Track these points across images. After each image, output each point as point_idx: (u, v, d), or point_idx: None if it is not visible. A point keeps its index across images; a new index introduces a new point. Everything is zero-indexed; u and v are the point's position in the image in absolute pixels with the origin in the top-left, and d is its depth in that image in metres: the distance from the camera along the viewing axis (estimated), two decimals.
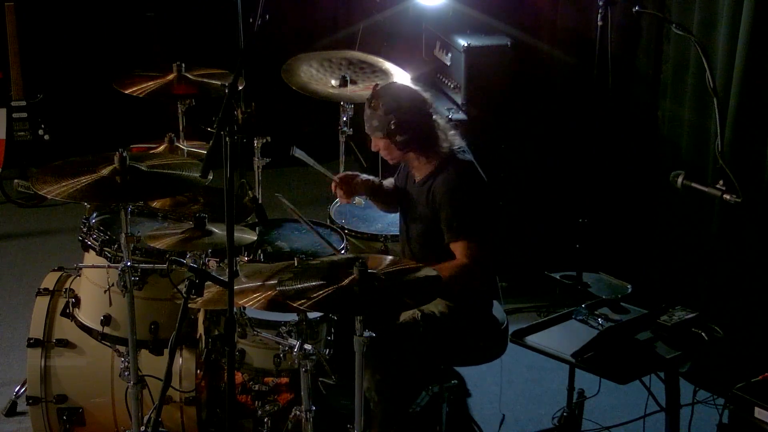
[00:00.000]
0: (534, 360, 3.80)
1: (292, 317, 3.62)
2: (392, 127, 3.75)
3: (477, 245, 3.72)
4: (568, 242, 4.37)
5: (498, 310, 4.04)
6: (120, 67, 5.04)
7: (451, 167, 3.80)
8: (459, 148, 3.85)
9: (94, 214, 4.05)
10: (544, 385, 4.70)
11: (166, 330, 3.85)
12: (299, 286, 3.17)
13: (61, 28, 6.85)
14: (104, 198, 3.63)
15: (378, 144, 3.87)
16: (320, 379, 3.86)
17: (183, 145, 4.50)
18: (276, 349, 3.67)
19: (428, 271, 3.31)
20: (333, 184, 4.05)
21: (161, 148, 4.49)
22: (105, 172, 3.47)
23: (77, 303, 3.97)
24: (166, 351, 3.58)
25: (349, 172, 4.08)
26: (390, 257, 3.46)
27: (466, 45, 5.01)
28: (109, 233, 3.89)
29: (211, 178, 3.28)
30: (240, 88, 3.91)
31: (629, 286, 4.00)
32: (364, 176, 4.09)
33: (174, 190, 3.86)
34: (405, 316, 3.88)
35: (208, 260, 3.77)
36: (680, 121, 4.83)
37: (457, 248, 3.73)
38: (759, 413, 3.28)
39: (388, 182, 4.17)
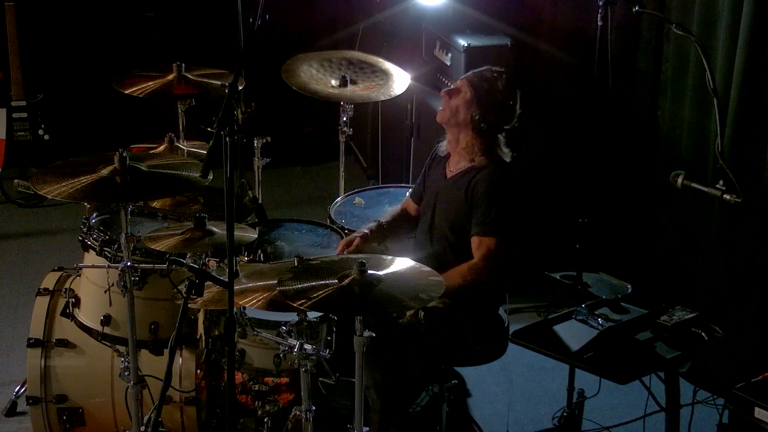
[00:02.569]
0: (534, 360, 3.80)
1: (292, 317, 3.62)
2: (488, 101, 3.80)
3: (502, 246, 3.74)
4: (568, 242, 4.37)
5: (499, 310, 4.04)
6: (120, 67, 5.04)
7: (495, 166, 3.84)
8: (505, 152, 3.91)
9: (94, 214, 4.05)
10: (544, 385, 4.70)
11: (166, 330, 3.85)
12: (299, 286, 3.17)
13: (61, 28, 6.84)
14: (104, 198, 3.64)
15: (458, 99, 3.87)
16: (320, 379, 3.86)
17: (183, 145, 4.50)
18: (276, 349, 3.67)
19: (432, 273, 3.32)
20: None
21: (161, 148, 4.49)
22: (105, 172, 3.47)
23: (77, 303, 3.97)
24: (166, 351, 3.57)
25: (348, 240, 4.01)
26: (391, 257, 3.45)
27: (466, 45, 5.01)
28: (109, 233, 3.89)
29: (211, 178, 3.29)
30: (240, 88, 3.91)
31: (629, 286, 4.00)
32: (366, 232, 4.02)
33: (174, 190, 3.86)
34: (406, 315, 3.88)
35: (208, 260, 3.77)
36: (680, 121, 4.82)
37: (481, 244, 3.75)
38: (759, 413, 3.28)
39: (389, 217, 4.16)
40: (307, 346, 3.48)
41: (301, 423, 3.59)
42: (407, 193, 4.33)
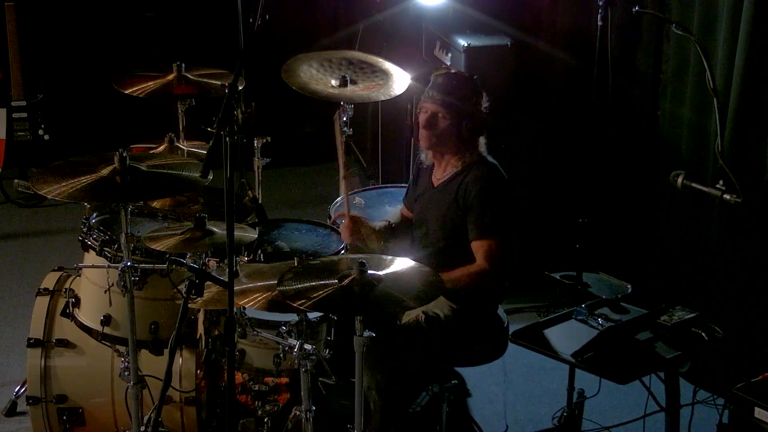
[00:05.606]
0: (534, 360, 3.80)
1: (292, 317, 3.62)
2: (461, 108, 3.79)
3: (502, 246, 3.74)
4: (568, 242, 4.37)
5: (499, 310, 4.04)
6: (120, 67, 5.03)
7: (481, 167, 3.84)
8: (486, 152, 3.90)
9: (94, 214, 4.05)
10: (544, 385, 4.70)
11: (166, 330, 3.85)
12: (299, 286, 3.17)
13: (61, 28, 6.85)
14: (104, 198, 3.64)
15: (439, 125, 3.86)
16: (320, 379, 3.86)
17: (183, 145, 4.50)
18: (276, 349, 3.67)
19: (430, 272, 3.32)
20: (342, 214, 4.02)
21: (161, 148, 4.49)
22: (105, 172, 3.47)
23: (77, 303, 3.97)
24: (166, 351, 3.58)
25: (364, 220, 4.03)
26: (391, 257, 3.45)
27: (466, 45, 5.01)
28: (109, 233, 3.89)
29: (211, 178, 3.29)
30: (240, 88, 3.91)
31: (629, 286, 4.00)
32: (378, 225, 4.06)
33: (174, 190, 3.86)
34: (408, 317, 3.88)
35: (208, 260, 3.77)
36: (680, 121, 4.83)
37: (482, 246, 3.75)
38: (759, 413, 3.27)
39: (397, 219, 4.17)
40: (307, 346, 3.48)
41: (301, 423, 3.59)
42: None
